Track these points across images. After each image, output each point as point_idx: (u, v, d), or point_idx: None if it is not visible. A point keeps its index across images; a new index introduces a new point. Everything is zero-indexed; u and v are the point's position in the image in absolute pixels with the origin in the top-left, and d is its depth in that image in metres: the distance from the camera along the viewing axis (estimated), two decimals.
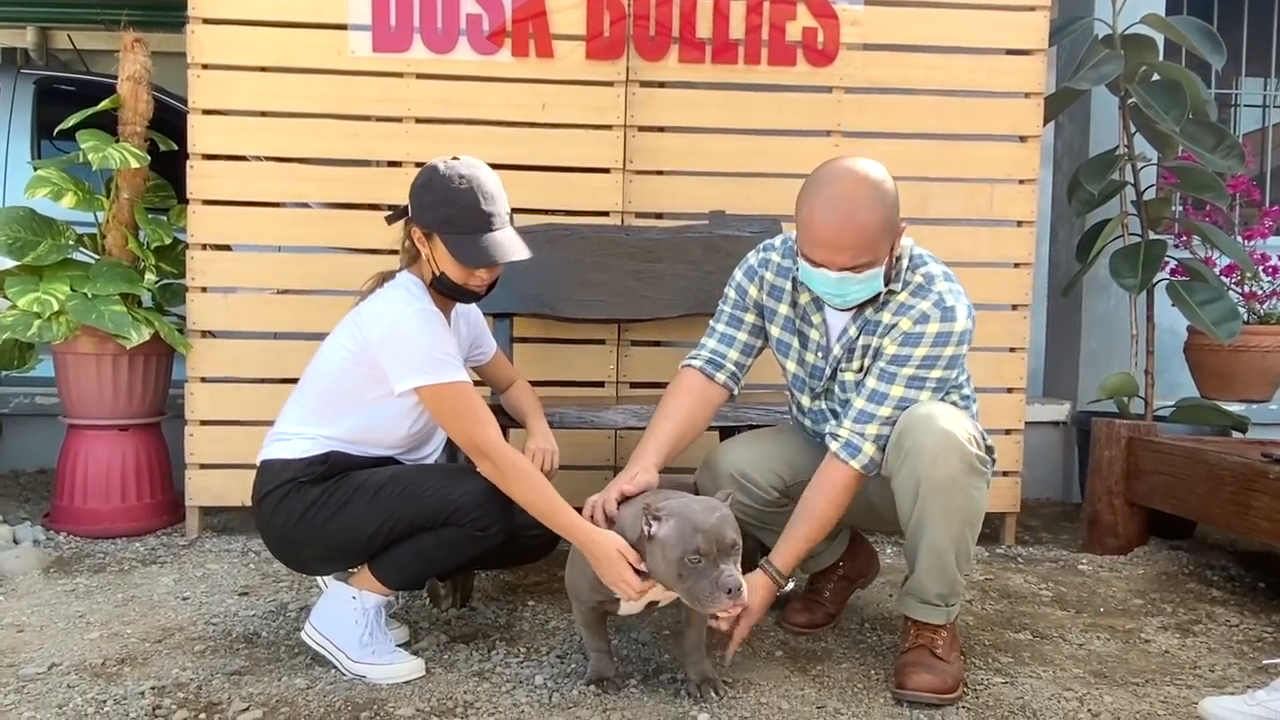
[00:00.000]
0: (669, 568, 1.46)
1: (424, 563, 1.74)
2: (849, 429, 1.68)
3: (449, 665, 1.79)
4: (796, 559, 1.65)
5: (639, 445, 1.73)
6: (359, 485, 1.70)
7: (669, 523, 1.47)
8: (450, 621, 2.05)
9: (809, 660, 1.88)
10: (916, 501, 1.65)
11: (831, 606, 2.07)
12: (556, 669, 1.77)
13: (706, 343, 1.85)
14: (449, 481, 1.71)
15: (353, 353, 1.70)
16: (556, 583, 2.35)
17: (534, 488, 1.64)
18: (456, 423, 1.65)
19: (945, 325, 1.66)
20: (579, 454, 2.79)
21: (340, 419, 1.74)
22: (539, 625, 2.04)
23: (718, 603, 1.42)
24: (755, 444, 1.88)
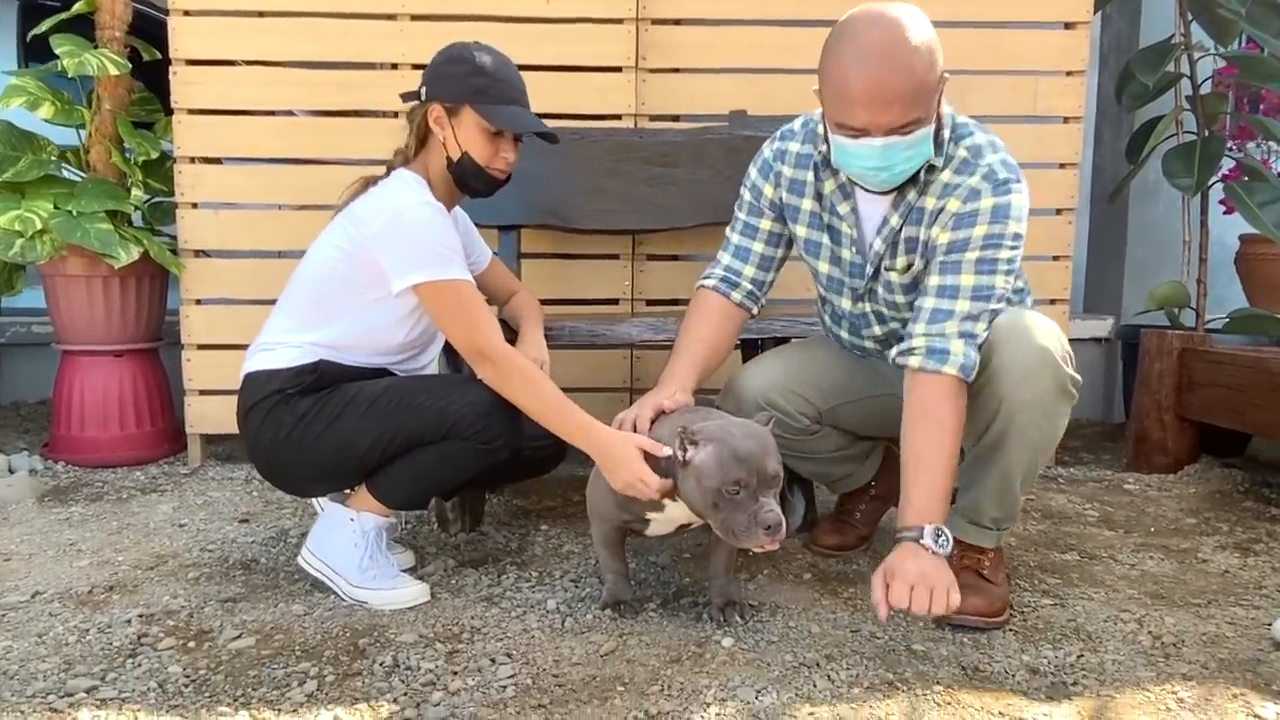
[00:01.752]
0: (704, 496, 1.41)
1: (425, 480, 1.68)
2: (924, 333, 1.53)
3: (456, 590, 1.76)
4: (938, 512, 1.46)
5: (668, 367, 1.67)
6: (352, 397, 1.64)
7: (707, 448, 1.41)
8: (459, 546, 2.01)
9: (840, 583, 1.84)
10: (994, 422, 1.55)
11: (863, 528, 2.02)
12: (570, 593, 1.74)
13: (721, 258, 1.78)
14: (450, 391, 1.65)
15: (346, 252, 1.63)
16: (571, 507, 2.32)
17: (539, 390, 1.59)
18: (456, 324, 1.60)
19: (1001, 198, 1.53)
20: (591, 374, 2.71)
21: (330, 324, 1.67)
22: (552, 550, 2.00)
23: (754, 538, 1.37)
24: (782, 365, 1.81)
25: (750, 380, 1.79)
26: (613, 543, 1.66)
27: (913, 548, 1.45)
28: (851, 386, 1.81)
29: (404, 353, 1.76)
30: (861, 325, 1.77)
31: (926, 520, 1.45)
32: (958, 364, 1.50)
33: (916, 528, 1.46)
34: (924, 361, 1.52)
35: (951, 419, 1.48)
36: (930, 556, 1.43)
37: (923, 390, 1.51)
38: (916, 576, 1.40)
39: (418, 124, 1.71)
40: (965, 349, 1.51)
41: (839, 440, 1.88)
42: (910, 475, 1.49)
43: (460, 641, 1.54)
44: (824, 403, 1.79)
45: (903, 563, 1.42)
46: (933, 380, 1.51)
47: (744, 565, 1.89)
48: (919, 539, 1.44)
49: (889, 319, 1.72)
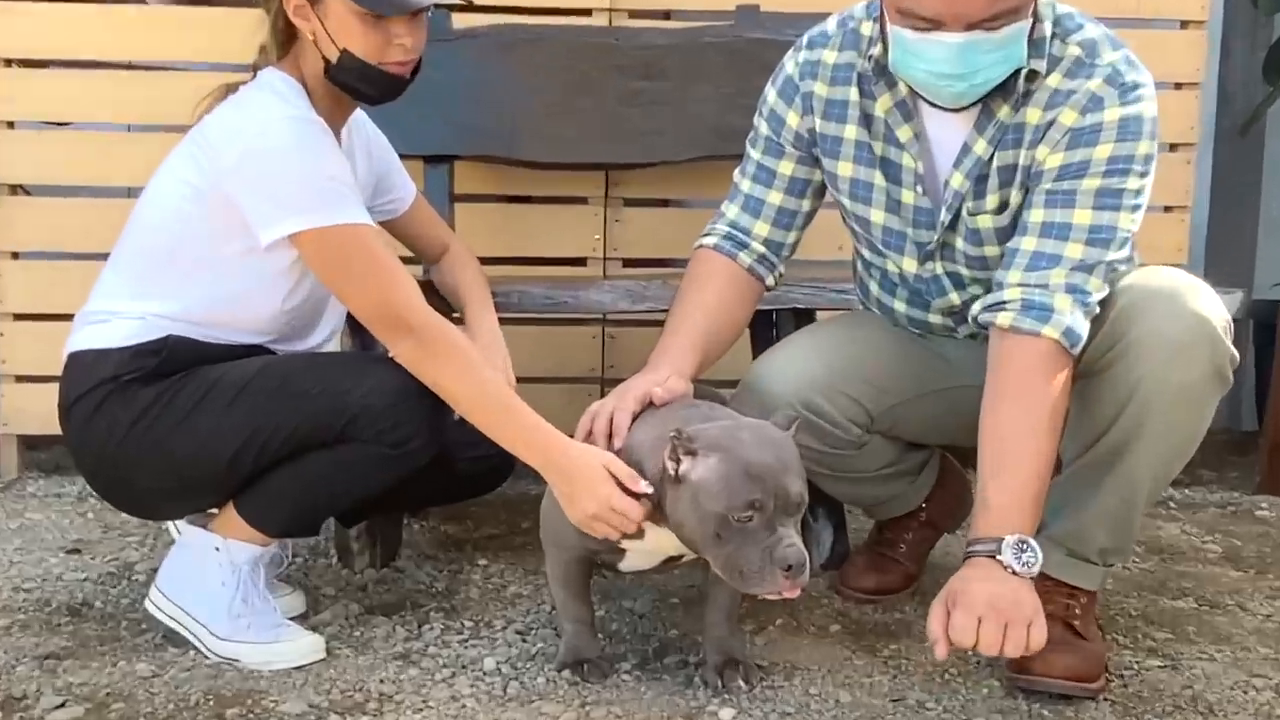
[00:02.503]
0: (702, 524, 1.41)
1: (315, 497, 1.70)
2: (1020, 282, 1.53)
3: (361, 645, 1.77)
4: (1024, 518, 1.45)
5: (659, 346, 1.68)
6: (213, 383, 1.64)
7: (708, 460, 1.41)
8: (366, 587, 2.03)
9: (878, 637, 1.85)
10: (1123, 415, 1.55)
11: (909, 564, 2.04)
12: (515, 649, 1.75)
13: (726, 210, 1.81)
14: (348, 374, 1.65)
15: (196, 189, 1.63)
16: (519, 535, 2.34)
17: (475, 377, 1.59)
18: (356, 285, 1.59)
19: (1129, 108, 1.54)
20: (549, 358, 2.70)
21: (180, 289, 1.67)
22: (492, 592, 2.02)
23: (769, 582, 1.37)
24: (820, 354, 1.80)
25: (780, 375, 1.78)
26: (574, 581, 1.66)
27: (987, 565, 1.44)
28: (912, 379, 1.81)
29: (285, 328, 1.75)
30: (929, 293, 1.77)
31: (1007, 529, 1.44)
32: (1062, 325, 1.50)
33: (993, 539, 1.45)
34: (1018, 319, 1.51)
35: (1049, 395, 1.48)
36: (1009, 578, 1.42)
37: (1013, 356, 1.51)
38: (988, 604, 1.39)
39: (274, 14, 1.70)
40: (1073, 308, 1.51)
41: (889, 453, 1.89)
42: (989, 467, 1.48)
43: (365, 714, 1.53)
44: (878, 404, 1.79)
45: (972, 585, 1.41)
46: (1027, 344, 1.50)
47: (750, 612, 1.88)
48: (996, 553, 1.44)
49: (970, 282, 1.72)
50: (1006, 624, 1.38)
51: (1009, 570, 1.42)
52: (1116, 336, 1.55)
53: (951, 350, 1.83)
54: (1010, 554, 1.43)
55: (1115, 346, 1.55)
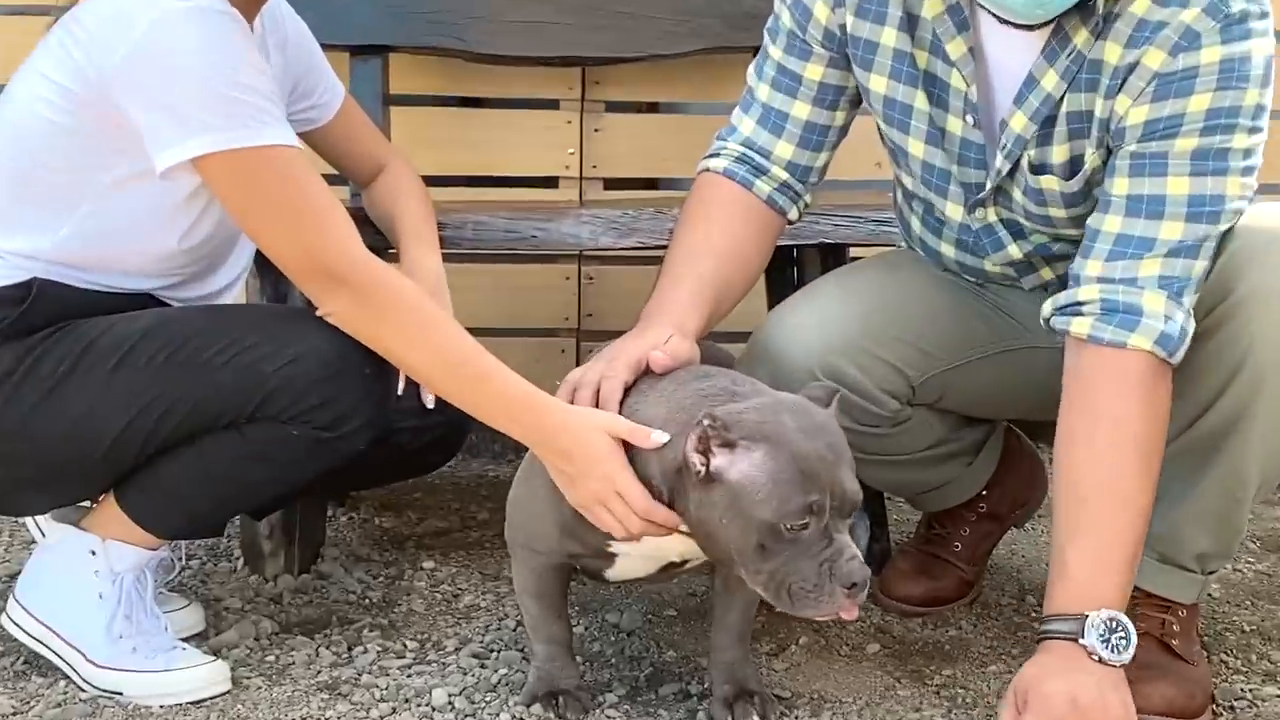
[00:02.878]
0: (744, 534, 1.40)
1: (219, 491, 1.70)
2: (1100, 277, 1.53)
3: (276, 673, 1.76)
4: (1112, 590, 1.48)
5: (657, 295, 1.68)
6: (89, 344, 1.63)
7: (753, 454, 1.40)
8: (281, 598, 2.02)
9: (928, 659, 1.85)
10: (1231, 387, 1.55)
11: (965, 567, 2.05)
12: (472, 677, 1.74)
13: (739, 123, 1.81)
14: (265, 335, 1.64)
15: (68, 94, 1.59)
16: (475, 530, 2.33)
17: (436, 339, 1.59)
18: (275, 225, 1.59)
19: (1235, 46, 1.51)
20: (513, 307, 2.70)
21: (49, 222, 1.65)
22: (441, 604, 2.02)
23: (824, 604, 1.38)
24: (848, 308, 1.81)
25: (797, 336, 1.78)
26: (549, 592, 1.66)
27: (1066, 652, 1.44)
28: (965, 340, 1.81)
29: (182, 271, 1.74)
30: (980, 246, 1.77)
31: (1091, 603, 1.45)
32: (1154, 332, 1.49)
33: (1073, 616, 1.45)
34: (1097, 326, 1.51)
35: (1141, 424, 1.49)
36: (1094, 670, 1.43)
37: (1094, 375, 1.51)
38: (1068, 706, 1.40)
39: None
40: (1169, 306, 1.50)
41: (938, 430, 1.89)
42: (1066, 523, 1.49)
43: None
44: (921, 371, 1.80)
45: (1048, 682, 1.42)
46: (1111, 359, 1.50)
47: (766, 629, 1.87)
48: (1077, 636, 1.44)
49: (1032, 233, 1.72)
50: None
51: (1094, 658, 1.43)
52: (1224, 291, 1.54)
53: (1018, 303, 1.81)
54: (1095, 636, 1.43)
55: (1222, 304, 1.54)
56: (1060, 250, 1.71)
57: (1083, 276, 1.55)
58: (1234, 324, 1.54)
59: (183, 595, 1.93)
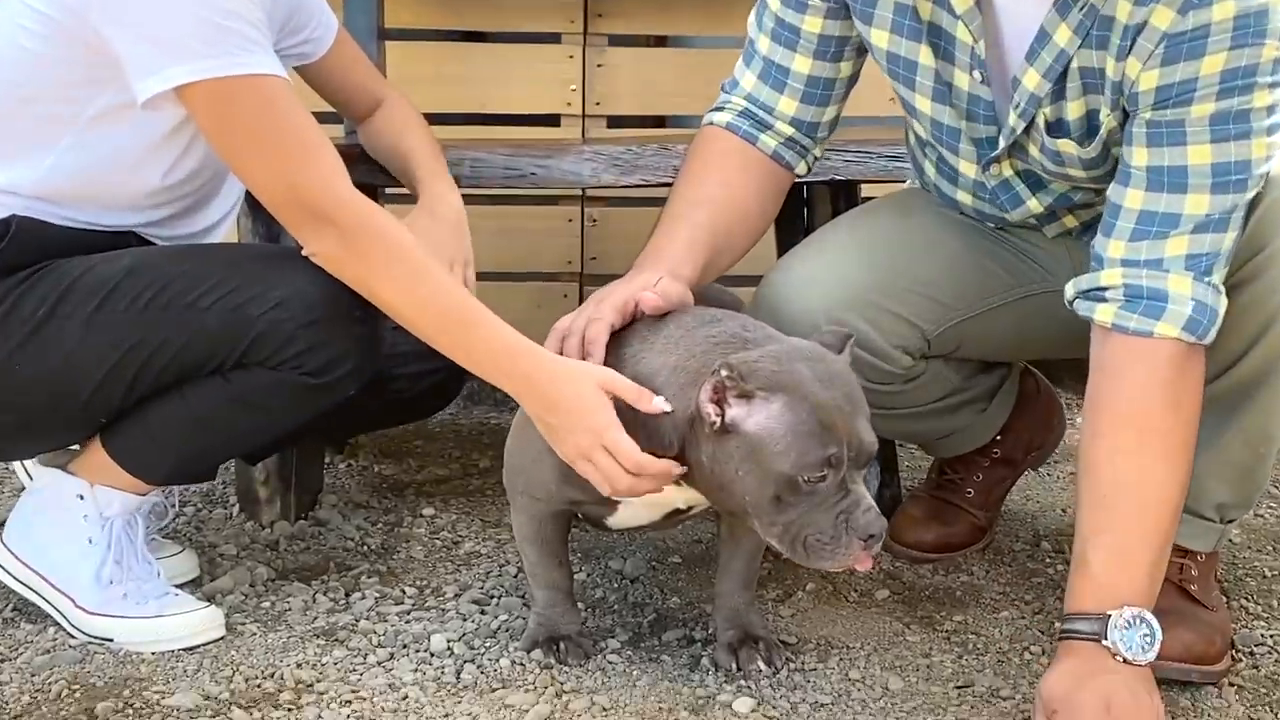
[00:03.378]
0: (761, 487, 1.40)
1: (207, 437, 1.70)
2: (1124, 258, 1.50)
3: (272, 619, 1.76)
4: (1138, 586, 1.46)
5: (651, 243, 1.67)
6: (70, 285, 1.62)
7: (771, 405, 1.40)
8: (278, 545, 2.02)
9: (938, 606, 1.86)
10: (1262, 342, 1.54)
11: (978, 513, 2.05)
12: (471, 624, 1.75)
13: (741, 77, 1.79)
14: (251, 277, 1.63)
15: (49, 20, 1.57)
16: (475, 477, 2.33)
17: (422, 285, 1.57)
18: (259, 158, 1.57)
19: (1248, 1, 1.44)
20: (514, 251, 2.70)
21: (27, 156, 1.64)
22: (440, 550, 2.02)
23: (840, 555, 1.39)
24: (853, 254, 1.80)
25: (803, 288, 1.77)
26: (550, 539, 1.66)
27: (1090, 654, 1.43)
28: (984, 287, 1.80)
29: (167, 207, 1.73)
30: (998, 199, 1.75)
31: (1114, 601, 1.44)
32: (1181, 317, 1.47)
33: (1095, 615, 1.44)
34: (1122, 314, 1.49)
35: (1171, 415, 1.47)
36: (1120, 671, 1.42)
37: (1120, 366, 1.49)
38: (1098, 711, 1.39)
39: None
40: (1196, 288, 1.47)
41: (952, 380, 1.89)
42: (1090, 520, 1.48)
43: (278, 706, 1.52)
44: (936, 323, 1.79)
45: (1077, 693, 1.41)
46: (1137, 348, 1.48)
47: (772, 575, 1.88)
48: (1100, 636, 1.43)
49: (1051, 183, 1.70)
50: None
51: (1118, 658, 1.42)
52: (1256, 246, 1.52)
53: (1040, 247, 1.80)
54: (1119, 635, 1.42)
55: (1254, 259, 1.52)
56: (1083, 199, 1.69)
57: (1105, 258, 1.51)
58: (1265, 279, 1.52)
59: (176, 542, 1.95)
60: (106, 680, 1.58)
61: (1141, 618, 1.43)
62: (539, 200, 2.67)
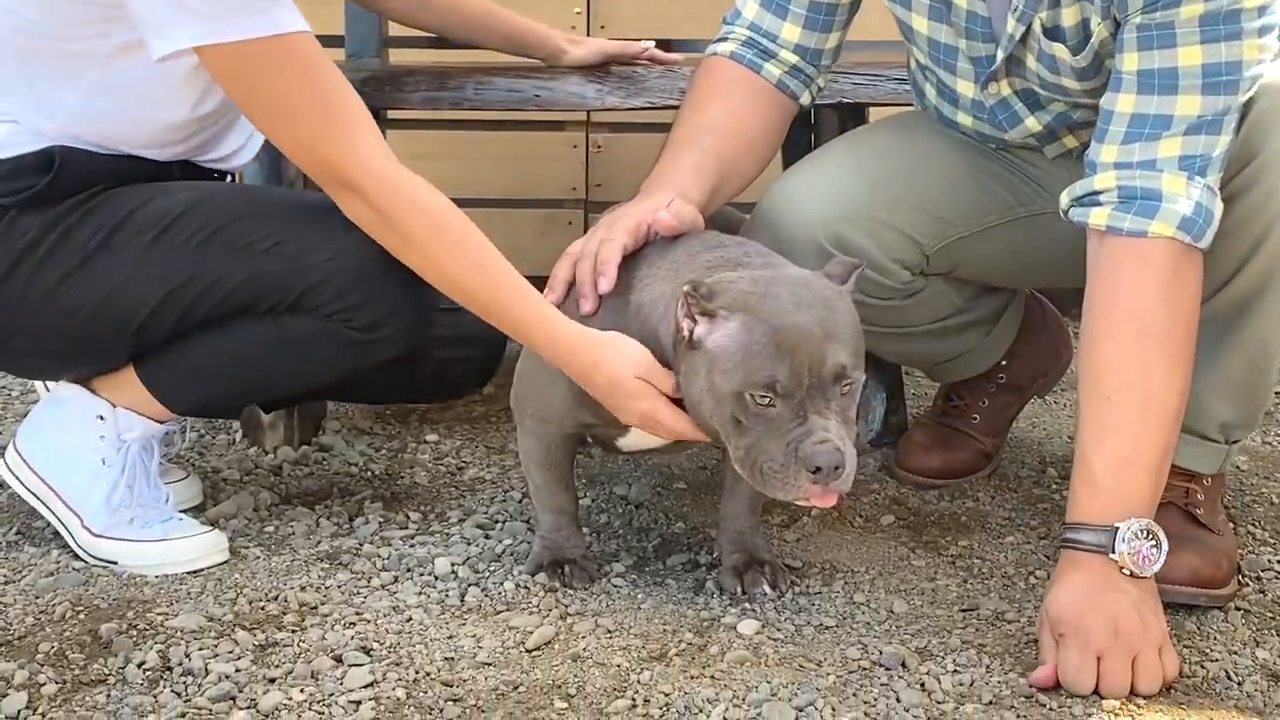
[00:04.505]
0: (717, 405, 1.43)
1: (246, 376, 1.72)
2: (1116, 162, 1.50)
3: (275, 543, 1.78)
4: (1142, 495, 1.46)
5: (656, 169, 1.69)
6: (126, 216, 1.63)
7: (729, 324, 1.42)
8: (281, 470, 2.04)
9: (943, 530, 1.87)
10: (1259, 253, 1.53)
11: (985, 438, 2.06)
12: (475, 547, 1.76)
13: (743, 7, 1.80)
14: (312, 226, 1.64)
15: None
16: (480, 404, 2.35)
17: (455, 250, 1.55)
18: (284, 124, 1.55)
19: None
20: (517, 177, 2.70)
21: (57, 93, 1.62)
22: (444, 475, 2.04)
23: (791, 484, 1.40)
24: (858, 173, 1.80)
25: (801, 201, 1.77)
26: (557, 462, 1.68)
27: (1095, 566, 1.44)
28: (982, 205, 1.81)
29: (199, 136, 1.73)
30: (997, 120, 1.76)
31: (1119, 511, 1.44)
32: (1175, 216, 1.47)
33: (1101, 527, 1.44)
34: (1115, 215, 1.49)
35: (1169, 316, 1.47)
36: (1127, 586, 1.43)
37: (1117, 268, 1.50)
38: (1108, 632, 1.40)
39: None
40: (1191, 187, 1.47)
41: (953, 299, 1.90)
42: (1091, 426, 1.48)
43: (281, 628, 1.54)
44: (935, 239, 1.79)
45: (1083, 610, 1.42)
46: (1132, 249, 1.48)
47: (778, 502, 1.86)
48: (1108, 550, 1.43)
49: (1049, 102, 1.71)
50: (1135, 656, 1.39)
51: (1125, 571, 1.42)
52: (1249, 154, 1.51)
53: (1040, 167, 1.80)
54: (1127, 548, 1.42)
55: (1246, 167, 1.52)
56: (1081, 118, 1.69)
57: (1098, 164, 1.52)
58: (1260, 188, 1.52)
59: (180, 467, 1.96)
60: (110, 602, 1.59)
61: (1148, 529, 1.43)
62: (543, 126, 2.64)
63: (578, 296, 1.55)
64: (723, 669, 1.44)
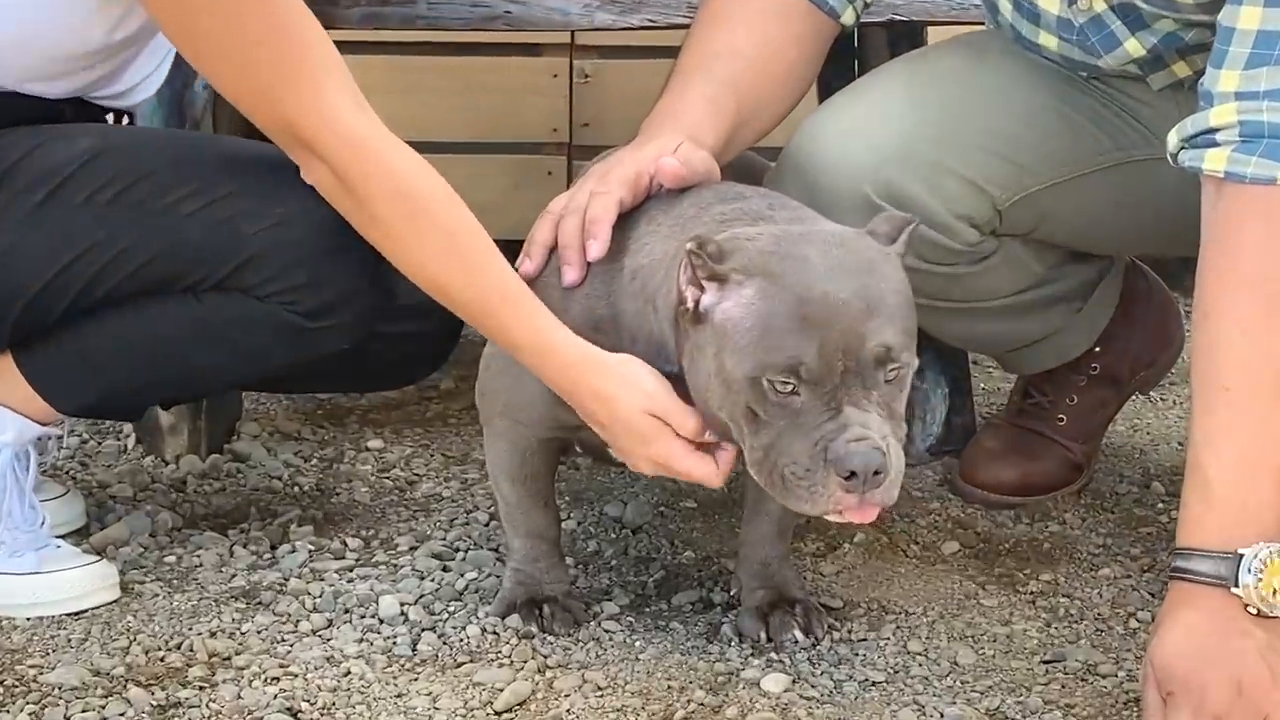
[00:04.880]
0: (730, 392, 1.43)
1: (155, 367, 1.74)
2: (1238, 90, 1.49)
3: (179, 577, 1.79)
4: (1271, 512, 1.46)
5: (661, 104, 1.71)
6: (12, 167, 1.65)
7: (744, 290, 1.42)
8: (185, 485, 2.05)
9: (1021, 561, 1.88)
10: None
11: (1074, 445, 2.08)
12: (431, 583, 1.78)
13: None
14: (245, 183, 1.67)
15: None
16: (435, 403, 2.38)
17: (432, 235, 1.58)
18: (233, 73, 1.58)
19: None
20: (487, 115, 2.73)
21: None
22: (391, 493, 2.07)
23: (817, 496, 1.40)
24: (906, 103, 1.84)
25: (843, 141, 1.81)
26: (533, 474, 1.70)
27: (1215, 605, 1.43)
28: (1071, 150, 1.83)
29: (104, 63, 1.74)
30: (1089, 42, 1.77)
31: (1243, 534, 1.44)
32: None
33: (1221, 554, 1.44)
34: (1237, 160, 1.49)
35: None
36: (1253, 628, 1.42)
37: (1236, 221, 1.50)
38: (1227, 692, 1.39)
39: None
40: None
41: (1034, 268, 1.92)
42: (1206, 420, 1.49)
43: (186, 685, 1.54)
44: (1010, 189, 1.82)
45: (1195, 653, 1.41)
46: (1260, 200, 1.49)
47: (812, 524, 1.90)
48: (1230, 585, 1.43)
49: (1155, 20, 1.72)
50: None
51: (1250, 609, 1.41)
52: None
53: (1144, 102, 1.81)
54: (1253, 581, 1.41)
55: None
56: (1195, 39, 1.69)
57: (1216, 94, 1.51)
58: None
59: (58, 482, 1.96)
60: None
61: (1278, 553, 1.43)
62: (515, 50, 2.65)
63: (560, 263, 1.55)
64: None
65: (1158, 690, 1.42)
